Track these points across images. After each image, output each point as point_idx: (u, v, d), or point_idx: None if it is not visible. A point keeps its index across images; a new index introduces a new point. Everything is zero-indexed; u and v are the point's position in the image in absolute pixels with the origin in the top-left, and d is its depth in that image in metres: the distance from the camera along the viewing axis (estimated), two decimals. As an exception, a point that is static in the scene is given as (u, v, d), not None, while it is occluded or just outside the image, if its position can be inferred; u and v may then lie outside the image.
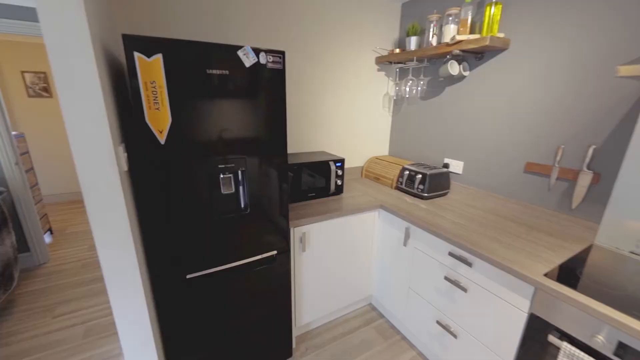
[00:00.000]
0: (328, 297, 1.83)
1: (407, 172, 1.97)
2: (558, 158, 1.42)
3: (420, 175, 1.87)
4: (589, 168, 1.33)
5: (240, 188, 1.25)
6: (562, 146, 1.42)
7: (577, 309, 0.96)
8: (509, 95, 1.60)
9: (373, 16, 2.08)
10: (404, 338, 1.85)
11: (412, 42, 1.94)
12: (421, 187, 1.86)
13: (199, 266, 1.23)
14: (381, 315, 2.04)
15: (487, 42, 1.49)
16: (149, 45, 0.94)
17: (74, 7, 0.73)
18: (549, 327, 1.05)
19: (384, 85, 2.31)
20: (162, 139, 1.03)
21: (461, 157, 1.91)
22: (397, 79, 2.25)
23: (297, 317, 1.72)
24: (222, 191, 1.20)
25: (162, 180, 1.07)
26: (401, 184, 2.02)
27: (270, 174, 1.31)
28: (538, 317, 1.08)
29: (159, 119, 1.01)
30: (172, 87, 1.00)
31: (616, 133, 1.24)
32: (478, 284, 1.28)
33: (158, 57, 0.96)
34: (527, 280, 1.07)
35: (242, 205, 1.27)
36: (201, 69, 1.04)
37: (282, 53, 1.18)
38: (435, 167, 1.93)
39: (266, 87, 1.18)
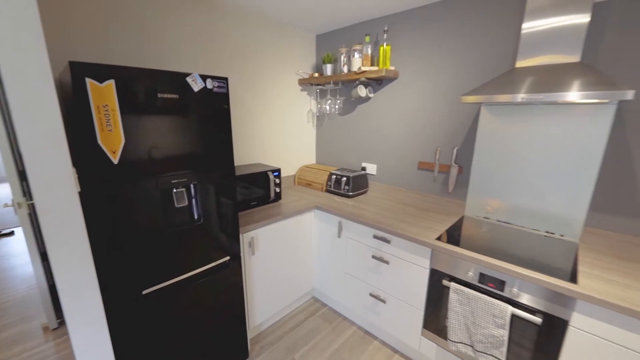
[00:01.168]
0: (276, 296, 1.99)
1: (334, 177, 2.32)
2: (437, 157, 1.98)
3: (345, 178, 2.24)
4: (455, 163, 1.90)
5: (193, 200, 1.34)
6: (439, 148, 1.98)
7: (456, 258, 1.41)
8: (402, 111, 2.12)
9: (294, 44, 2.40)
10: (345, 319, 2.15)
11: (328, 69, 2.33)
12: (347, 187, 2.23)
13: (155, 280, 1.26)
14: (324, 305, 2.31)
15: (384, 73, 1.97)
16: (101, 72, 1.00)
17: (33, 30, 0.77)
18: (443, 275, 1.49)
19: (307, 104, 2.65)
20: (115, 159, 1.07)
21: (374, 161, 2.38)
22: (318, 98, 2.62)
23: (250, 319, 1.83)
24: (176, 205, 1.28)
25: (116, 199, 1.09)
26: (330, 186, 2.36)
27: (220, 186, 1.43)
28: (435, 269, 1.51)
29: (112, 140, 1.06)
30: (125, 109, 1.07)
31: (467, 138, 1.83)
32: (396, 256, 1.68)
33: (110, 83, 1.02)
34: (426, 244, 1.50)
35: (196, 217, 1.36)
36: (153, 93, 1.13)
37: (226, 79, 1.35)
38: (356, 171, 2.34)
39: (213, 108, 1.33)
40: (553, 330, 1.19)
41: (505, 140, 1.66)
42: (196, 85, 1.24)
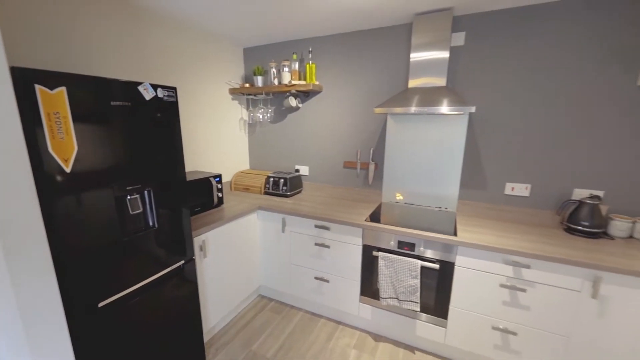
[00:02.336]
0: (227, 297, 2.06)
1: (272, 179, 2.52)
2: (358, 157, 2.41)
3: (282, 180, 2.46)
4: (372, 160, 2.37)
5: (148, 207, 1.36)
6: (359, 150, 2.42)
7: (381, 232, 1.82)
8: (327, 119, 2.50)
9: (223, 55, 2.51)
10: (292, 307, 2.36)
11: (259, 80, 2.53)
12: (285, 188, 2.46)
13: (111, 291, 1.23)
14: (270, 300, 2.46)
15: (311, 87, 2.30)
16: (52, 79, 0.98)
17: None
18: (372, 248, 1.88)
19: (238, 112, 2.77)
20: (67, 168, 1.05)
21: (306, 163, 2.68)
22: (251, 107, 2.78)
23: (204, 322, 1.86)
24: (131, 211, 1.28)
25: (69, 208, 1.06)
26: (268, 189, 2.54)
27: (172, 191, 1.47)
28: (366, 245, 1.90)
29: (64, 148, 1.03)
30: (77, 117, 1.06)
31: (380, 140, 2.32)
32: (335, 240, 2.00)
33: (62, 90, 1.01)
34: (358, 225, 1.86)
35: (151, 223, 1.38)
36: (105, 101, 1.14)
37: (175, 89, 1.42)
38: (291, 173, 2.59)
39: (164, 116, 1.38)
40: (446, 271, 1.70)
41: (405, 142, 2.20)
42: (148, 94, 1.29)
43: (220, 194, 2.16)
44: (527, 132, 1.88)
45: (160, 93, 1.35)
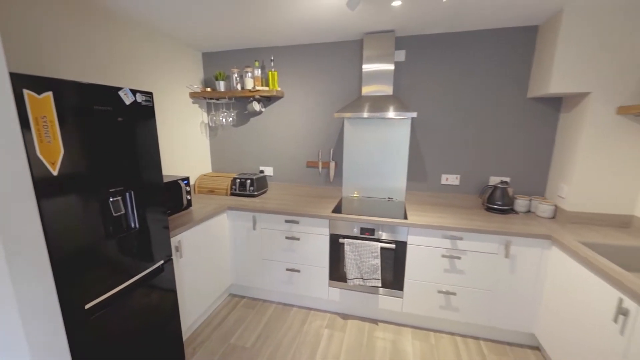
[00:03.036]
0: (202, 296, 2.10)
1: (238, 180, 2.60)
2: (320, 156, 2.65)
3: (249, 181, 2.57)
4: (333, 160, 2.63)
5: (129, 209, 1.39)
6: (320, 150, 2.66)
7: (345, 221, 2.08)
8: (290, 122, 2.69)
9: (183, 60, 2.53)
10: (265, 301, 2.48)
11: (221, 85, 2.60)
12: (252, 188, 2.57)
13: (97, 292, 1.24)
14: (242, 297, 2.54)
15: (274, 93, 2.47)
16: (38, 84, 1.00)
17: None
18: (338, 236, 2.12)
19: (199, 116, 2.79)
20: (54, 171, 1.06)
21: (270, 164, 2.83)
22: (213, 110, 2.82)
23: (182, 321, 1.88)
24: (114, 213, 1.31)
25: (56, 210, 1.07)
26: (235, 190, 2.62)
27: (151, 193, 1.51)
28: (333, 234, 2.13)
29: (51, 151, 1.05)
30: (63, 121, 1.08)
31: (339, 141, 2.59)
32: (304, 232, 2.20)
33: (48, 95, 1.03)
34: (325, 217, 2.09)
35: (132, 225, 1.41)
36: (89, 105, 1.17)
37: (151, 93, 1.47)
38: (256, 174, 2.71)
39: (142, 120, 1.43)
40: (400, 250, 2.03)
41: (360, 142, 2.51)
42: (127, 99, 1.33)
43: (189, 197, 2.19)
44: (454, 134, 2.33)
45: (139, 98, 1.39)
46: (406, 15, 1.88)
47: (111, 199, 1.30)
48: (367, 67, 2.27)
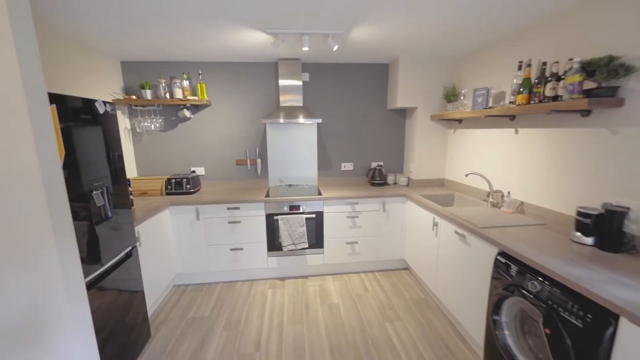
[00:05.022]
0: (157, 282, 2.33)
1: (174, 180, 2.86)
2: (247, 155, 3.18)
3: (185, 179, 2.87)
4: (259, 157, 3.20)
5: (106, 201, 1.64)
6: (247, 149, 3.19)
7: (277, 203, 2.71)
8: (219, 127, 3.11)
9: (100, 68, 2.61)
10: (210, 284, 2.84)
11: (148, 94, 2.80)
12: (188, 186, 2.88)
13: (88, 271, 1.49)
14: (187, 285, 2.82)
15: (204, 102, 2.86)
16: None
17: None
18: (273, 215, 2.73)
19: (122, 122, 2.86)
20: (61, 167, 1.32)
21: (201, 165, 3.16)
22: (140, 117, 2.93)
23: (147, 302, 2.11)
24: (97, 204, 1.56)
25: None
26: (170, 189, 2.86)
27: (119, 189, 1.77)
28: (268, 213, 2.73)
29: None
30: (63, 127, 1.34)
31: (263, 141, 3.18)
32: (244, 216, 2.70)
33: (53, 107, 1.29)
34: (261, 200, 2.67)
35: (110, 214, 1.66)
36: (78, 114, 1.43)
37: (114, 104, 1.75)
38: (189, 174, 3.01)
39: (110, 126, 1.70)
40: (319, 218, 2.80)
41: (281, 142, 3.18)
42: (101, 108, 1.61)
43: (131, 196, 2.37)
44: (347, 134, 3.29)
45: (108, 107, 1.67)
46: (309, 52, 2.66)
47: (94, 192, 1.55)
48: (282, 82, 2.95)
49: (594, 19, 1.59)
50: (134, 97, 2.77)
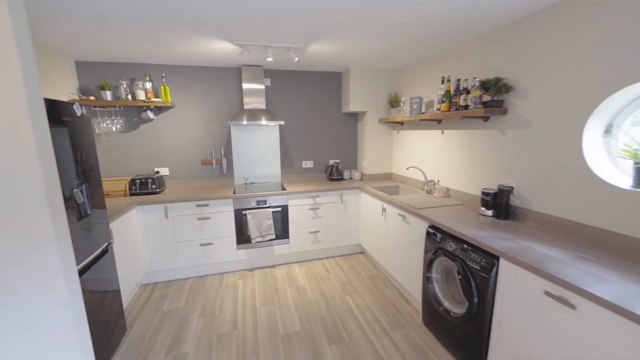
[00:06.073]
0: (129, 278, 2.39)
1: (138, 181, 2.89)
2: (213, 155, 3.32)
3: (151, 179, 2.92)
4: (224, 157, 3.36)
5: (86, 197, 1.73)
6: (212, 150, 3.33)
7: (245, 198, 2.92)
8: (183, 128, 3.20)
9: (57, 67, 2.56)
10: (180, 280, 2.93)
11: (108, 95, 2.79)
12: (154, 186, 2.93)
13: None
14: (156, 283, 2.87)
15: (168, 104, 2.95)
16: (35, 102, 1.36)
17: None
18: (241, 210, 2.94)
19: (79, 123, 2.81)
20: (48, 166, 1.41)
21: (165, 165, 3.22)
22: (99, 117, 2.89)
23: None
24: (78, 201, 1.65)
25: (52, 197, 1.42)
26: (135, 190, 2.89)
27: (95, 187, 1.86)
28: (237, 209, 2.93)
29: (45, 152, 1.40)
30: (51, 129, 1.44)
31: (228, 141, 3.35)
32: (214, 212, 2.86)
33: (40, 109, 1.39)
34: (230, 197, 2.86)
35: (89, 211, 1.75)
36: (60, 116, 1.53)
37: (89, 107, 1.83)
38: (154, 174, 3.05)
39: (86, 127, 1.78)
40: (284, 211, 3.08)
41: (245, 142, 3.38)
42: (79, 111, 1.70)
43: (97, 197, 2.39)
44: (307, 135, 3.62)
45: (84, 110, 1.76)
46: (271, 61, 2.92)
47: (74, 190, 1.64)
48: (246, 86, 3.17)
49: (488, 50, 2.15)
50: (92, 97, 2.75)
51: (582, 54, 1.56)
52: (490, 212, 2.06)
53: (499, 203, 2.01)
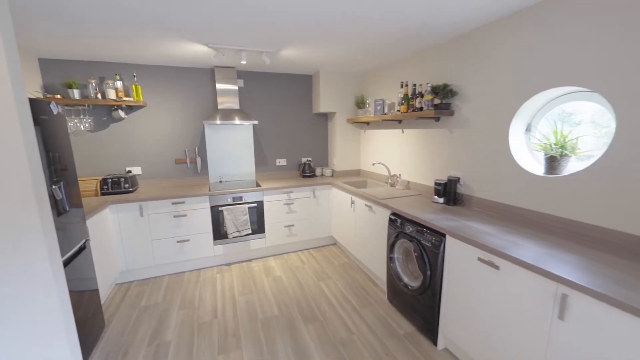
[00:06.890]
0: (105, 276, 2.40)
1: (110, 180, 2.87)
2: (187, 153, 3.37)
3: (123, 179, 2.92)
4: (198, 155, 3.42)
5: (64, 194, 1.77)
6: (187, 149, 3.37)
7: (221, 195, 3.03)
8: (156, 127, 3.21)
9: (23, 64, 2.49)
10: (156, 278, 2.96)
11: (76, 93, 2.75)
12: (127, 185, 2.93)
13: (58, 256, 1.63)
14: (131, 282, 2.88)
15: (140, 103, 2.96)
16: (17, 101, 1.40)
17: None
18: (217, 206, 3.03)
19: (44, 122, 2.74)
20: (30, 163, 1.46)
21: (138, 164, 3.21)
22: (66, 116, 2.82)
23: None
24: (57, 198, 1.69)
25: (34, 192, 1.47)
26: (107, 189, 2.87)
27: (72, 185, 1.89)
28: (213, 205, 3.02)
29: (27, 149, 1.45)
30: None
31: (202, 140, 3.42)
32: (190, 209, 2.93)
33: (21, 108, 1.44)
34: (206, 194, 2.95)
35: (67, 208, 1.79)
36: (39, 114, 1.57)
37: (62, 105, 1.86)
38: (126, 174, 3.04)
39: (62, 126, 1.81)
40: (260, 206, 3.22)
41: (219, 142, 3.47)
42: (55, 109, 1.73)
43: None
44: (280, 134, 3.78)
45: (60, 109, 1.79)
46: (245, 63, 3.06)
47: (53, 187, 1.68)
48: (219, 86, 3.26)
49: (438, 59, 2.47)
50: (58, 96, 2.70)
51: (502, 66, 1.91)
52: (441, 200, 2.38)
53: (449, 191, 2.34)
